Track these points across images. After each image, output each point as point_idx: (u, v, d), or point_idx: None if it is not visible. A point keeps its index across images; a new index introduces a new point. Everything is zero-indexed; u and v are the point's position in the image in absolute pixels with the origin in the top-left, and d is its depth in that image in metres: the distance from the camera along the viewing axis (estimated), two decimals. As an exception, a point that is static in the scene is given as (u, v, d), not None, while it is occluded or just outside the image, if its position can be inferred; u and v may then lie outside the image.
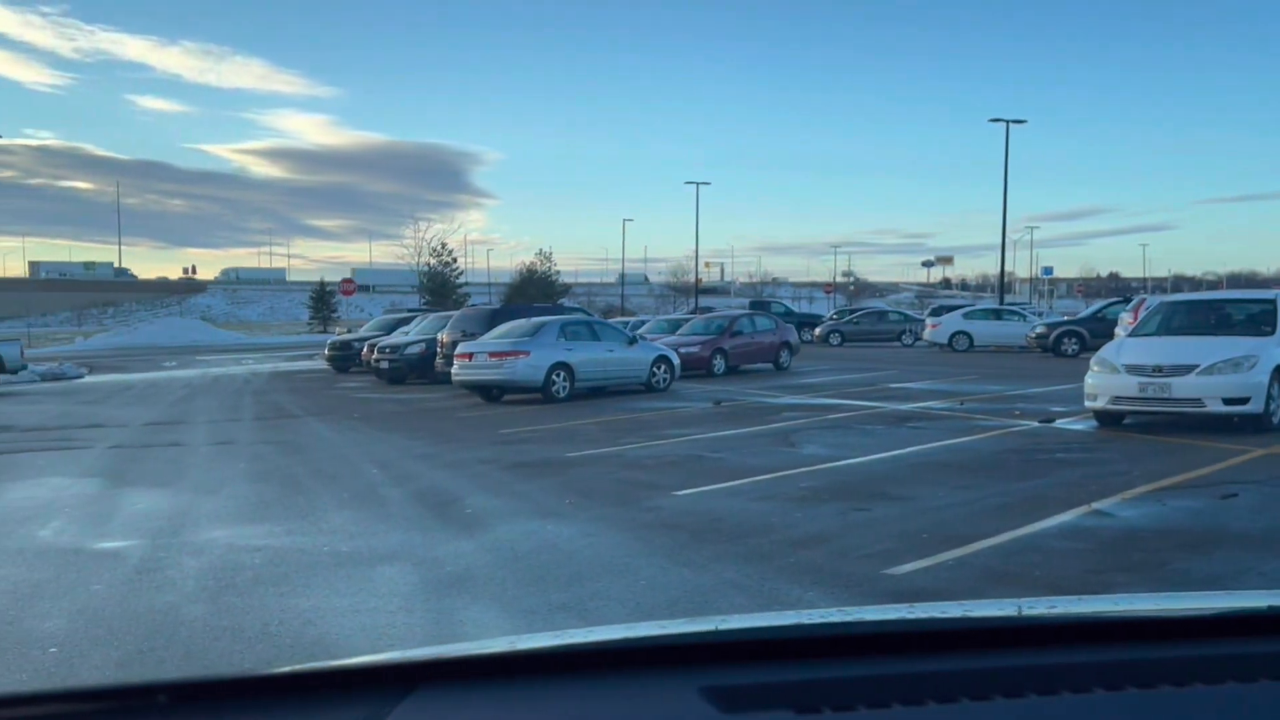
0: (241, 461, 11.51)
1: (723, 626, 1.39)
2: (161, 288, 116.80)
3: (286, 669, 1.20)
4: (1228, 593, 1.82)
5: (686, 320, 28.51)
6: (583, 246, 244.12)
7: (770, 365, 25.53)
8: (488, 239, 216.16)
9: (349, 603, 5.67)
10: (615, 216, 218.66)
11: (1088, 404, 12.69)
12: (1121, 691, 1.21)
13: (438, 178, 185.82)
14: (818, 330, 40.47)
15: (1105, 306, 31.88)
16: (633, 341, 19.92)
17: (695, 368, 23.16)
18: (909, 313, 46.38)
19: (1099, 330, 28.54)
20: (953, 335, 33.37)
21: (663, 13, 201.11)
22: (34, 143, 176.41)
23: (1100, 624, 1.46)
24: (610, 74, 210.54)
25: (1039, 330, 30.61)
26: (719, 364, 24.08)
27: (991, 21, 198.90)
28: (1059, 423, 13.37)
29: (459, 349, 19.18)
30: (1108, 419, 12.72)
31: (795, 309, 53.44)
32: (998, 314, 35.43)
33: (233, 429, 15.48)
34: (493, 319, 21.49)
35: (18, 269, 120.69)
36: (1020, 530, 7.17)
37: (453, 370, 19.14)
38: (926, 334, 34.79)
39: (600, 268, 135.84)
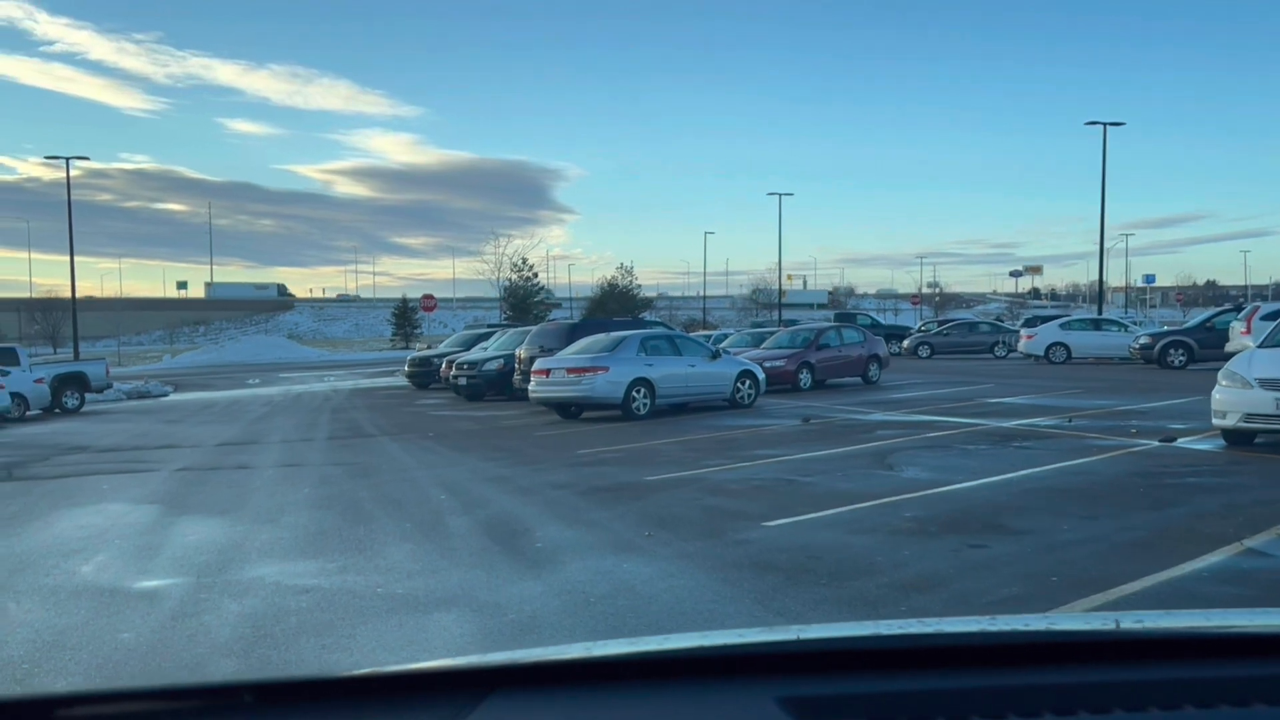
0: (306, 486, 10.99)
1: (801, 636, 1.37)
2: (251, 305, 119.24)
3: (366, 671, 1.21)
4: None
5: (771, 333, 27.63)
6: (663, 260, 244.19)
7: (858, 379, 24.53)
8: (569, 254, 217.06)
9: (396, 658, 4.98)
10: (696, 230, 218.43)
11: (1215, 422, 11.54)
12: (1249, 708, 1.17)
13: (520, 194, 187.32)
14: (905, 342, 39.14)
15: (1214, 315, 30.04)
16: (716, 356, 19.12)
17: (780, 382, 22.29)
18: (1001, 323, 44.69)
19: (1208, 341, 26.91)
20: (1049, 347, 31.87)
21: (745, 26, 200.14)
22: (130, 166, 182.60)
23: (1206, 639, 1.38)
24: (692, 87, 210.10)
25: (1143, 341, 29.01)
26: (805, 378, 23.17)
27: (1073, 26, 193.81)
28: (1181, 442, 12.22)
29: (536, 365, 18.58)
30: (1237, 438, 11.55)
31: (881, 320, 52.00)
32: (1097, 324, 33.75)
33: (304, 450, 15.08)
34: (571, 334, 20.87)
35: (198, 290, 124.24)
36: (1165, 573, 6.20)
37: (530, 387, 18.55)
38: (1021, 345, 33.31)
39: (681, 281, 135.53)
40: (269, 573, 6.90)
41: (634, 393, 17.48)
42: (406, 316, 75.61)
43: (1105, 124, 42.80)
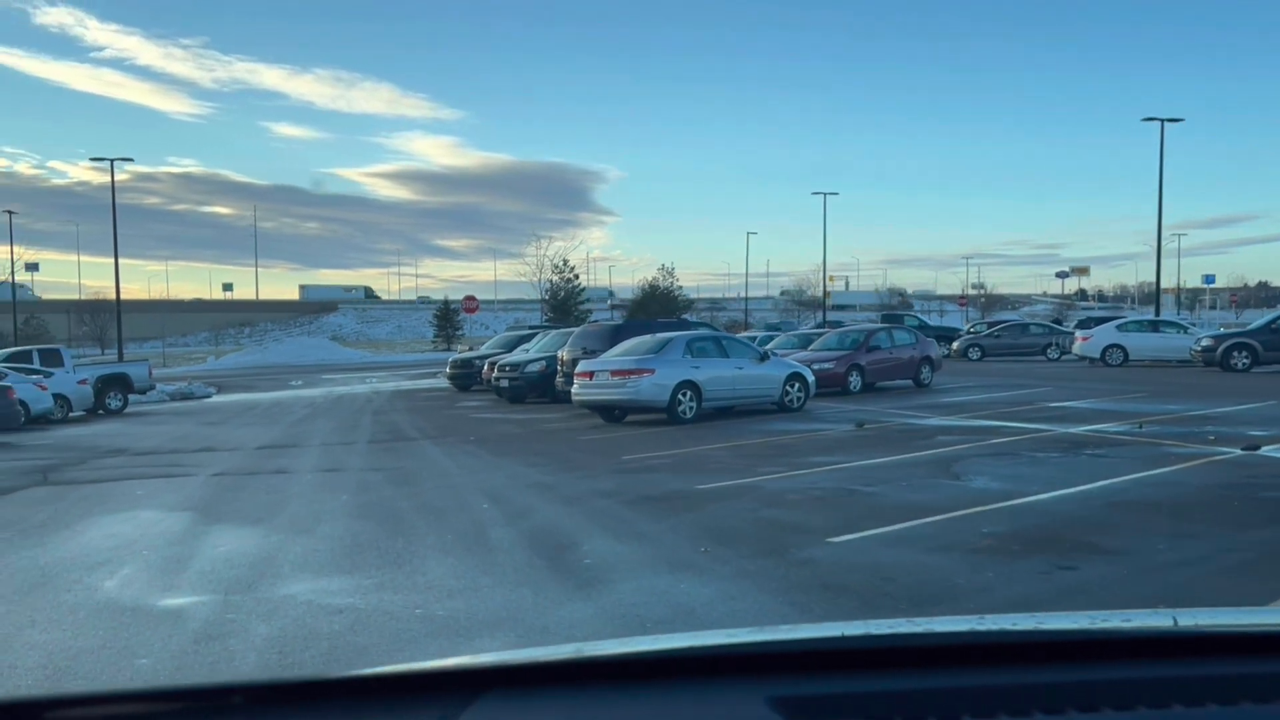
0: (345, 493, 10.58)
1: (790, 636, 1.37)
2: (295, 307, 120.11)
3: (355, 672, 1.19)
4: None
5: (818, 334, 26.98)
6: (704, 261, 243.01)
7: (909, 382, 23.83)
8: (609, 256, 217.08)
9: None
10: (735, 231, 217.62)
11: (1306, 429, 10.81)
12: (1237, 706, 1.18)
13: (561, 196, 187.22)
14: (955, 344, 38.24)
15: (1279, 317, 28.96)
16: (764, 358, 18.53)
17: (829, 385, 21.64)
18: (1054, 325, 43.58)
19: (1273, 343, 25.96)
20: (1106, 349, 30.92)
21: (787, 29, 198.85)
22: (177, 170, 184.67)
23: (1192, 638, 1.37)
24: (730, 89, 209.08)
25: (1205, 343, 27.97)
26: (855, 381, 22.51)
27: (1117, 24, 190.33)
28: (1266, 450, 11.49)
29: (580, 367, 18.10)
30: (1330, 446, 10.82)
31: (928, 322, 51.02)
32: (1155, 326, 32.71)
33: (344, 454, 14.71)
34: (614, 335, 20.38)
35: (291, 292, 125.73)
36: (1286, 599, 5.58)
37: (573, 389, 18.07)
38: (1076, 347, 32.37)
39: (720, 282, 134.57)
40: (301, 590, 6.45)
41: (680, 396, 16.95)
42: (448, 318, 75.57)
43: (1163, 120, 41.62)
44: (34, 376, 24.19)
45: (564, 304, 64.14)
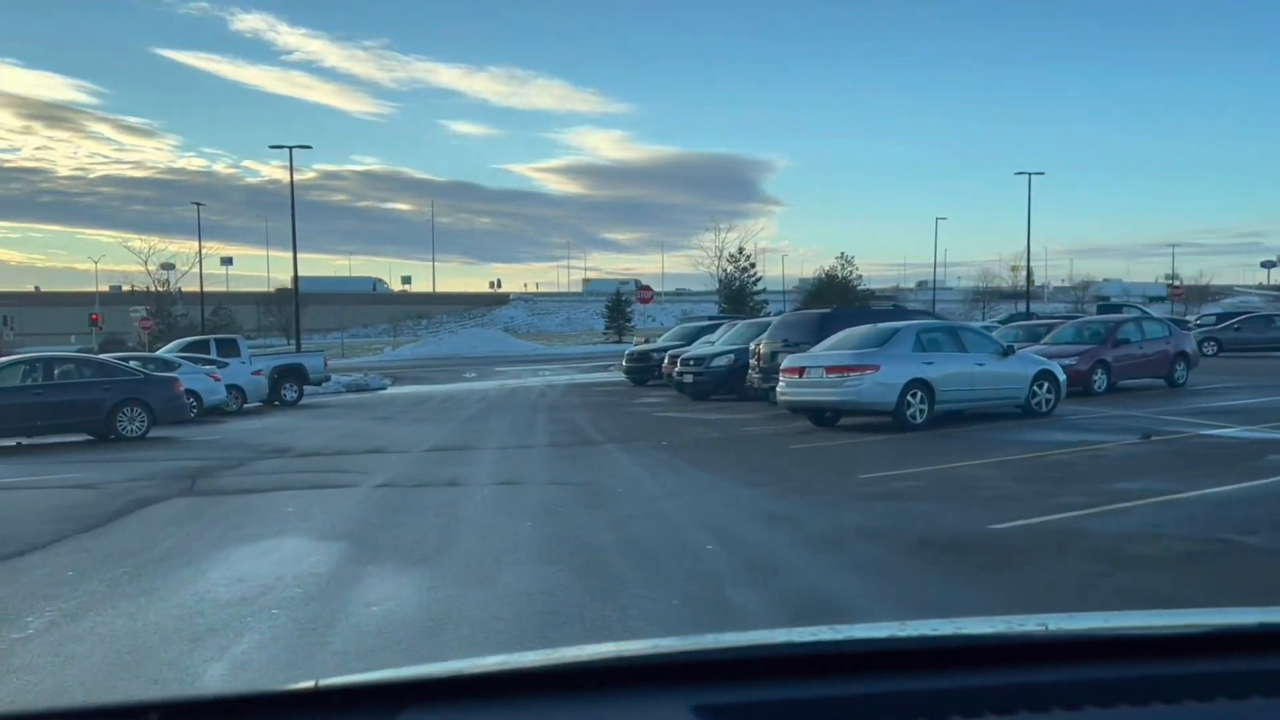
0: (528, 518, 8.51)
1: (713, 644, 1.36)
2: (469, 300, 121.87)
3: (273, 688, 1.17)
4: (1219, 610, 1.53)
5: (1047, 326, 23.75)
6: (874, 252, 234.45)
7: (1160, 381, 20.46)
8: (776, 247, 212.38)
9: None
10: (907, 222, 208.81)
11: None
12: (1114, 708, 1.20)
13: (728, 187, 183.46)
14: (1186, 338, 33.96)
15: None
16: (1006, 352, 15.66)
17: (1070, 385, 18.52)
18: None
19: None
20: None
21: (958, 20, 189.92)
22: (361, 168, 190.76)
23: (1092, 641, 1.41)
24: (900, 77, 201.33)
25: None
26: (1100, 380, 19.32)
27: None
28: None
29: (787, 362, 15.62)
30: None
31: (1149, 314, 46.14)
32: None
33: (522, 460, 12.76)
34: (822, 325, 17.80)
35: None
36: None
37: (778, 388, 15.63)
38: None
39: (895, 274, 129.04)
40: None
41: (909, 397, 14.31)
42: (619, 309, 74.36)
43: None
44: (207, 367, 23.48)
45: (738, 294, 61.86)
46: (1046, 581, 6.00)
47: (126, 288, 71.60)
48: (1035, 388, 15.54)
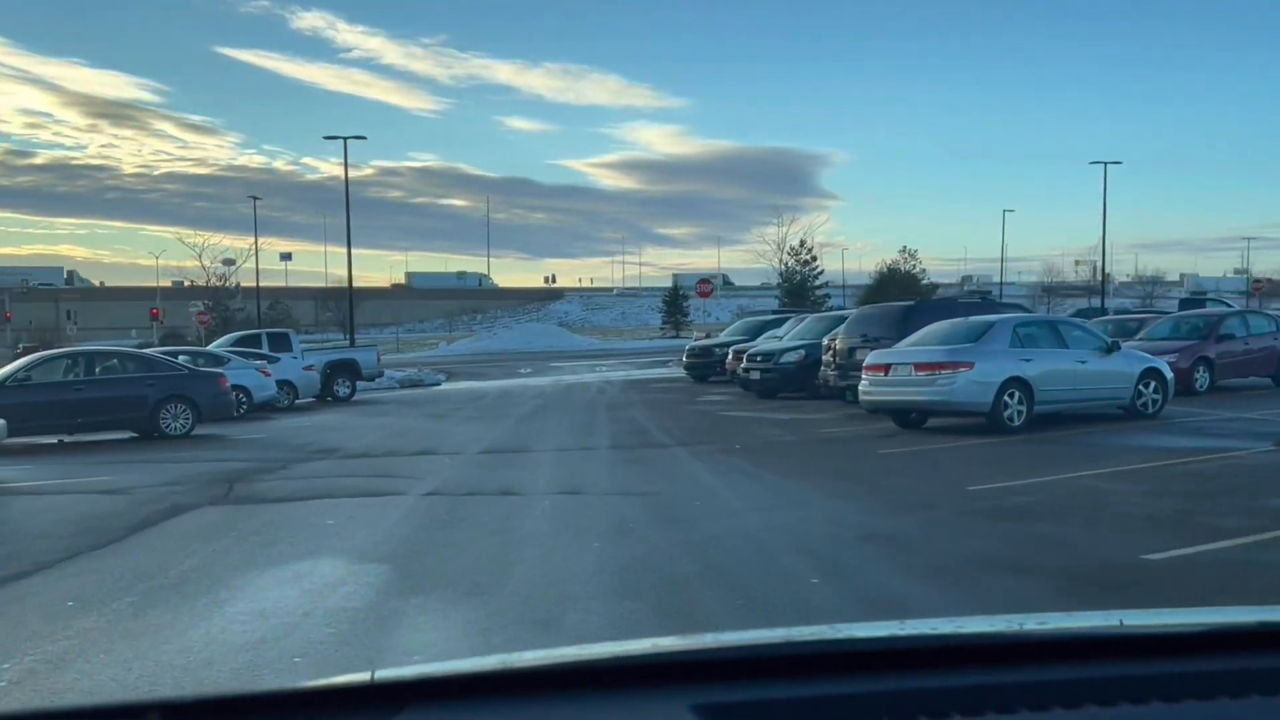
0: (594, 538, 7.46)
1: (713, 643, 1.36)
2: (524, 295, 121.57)
3: (275, 688, 1.16)
4: (1218, 609, 1.51)
5: (1139, 321, 22.25)
6: (933, 246, 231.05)
7: (1268, 380, 18.98)
8: (833, 241, 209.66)
9: None
10: (968, 216, 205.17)
11: None
12: (1114, 707, 1.18)
13: (783, 181, 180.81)
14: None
15: None
16: (1110, 348, 14.31)
17: (1170, 384, 17.15)
18: None
19: None
20: None
21: (1018, 12, 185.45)
22: (417, 164, 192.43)
23: (1093, 640, 1.39)
24: (959, 69, 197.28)
25: None
26: (1201, 378, 17.86)
27: None
28: None
29: (870, 359, 14.40)
30: None
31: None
32: None
33: (583, 465, 11.74)
34: (905, 319, 16.55)
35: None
36: None
37: (860, 386, 14.42)
38: None
39: (954, 268, 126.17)
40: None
41: (1006, 397, 13.05)
42: (676, 304, 73.29)
43: None
44: (257, 362, 22.79)
45: (799, 288, 60.47)
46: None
47: (187, 283, 72.06)
48: (1141, 387, 14.18)
